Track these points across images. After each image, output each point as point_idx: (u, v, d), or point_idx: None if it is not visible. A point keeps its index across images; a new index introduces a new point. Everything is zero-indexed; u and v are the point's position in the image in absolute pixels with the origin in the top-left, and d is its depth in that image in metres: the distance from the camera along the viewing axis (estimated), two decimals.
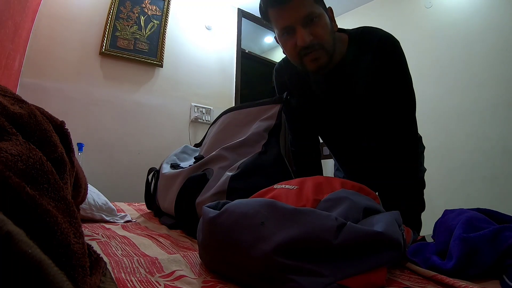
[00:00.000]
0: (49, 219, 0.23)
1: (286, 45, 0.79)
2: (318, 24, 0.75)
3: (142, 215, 1.11)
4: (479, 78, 2.22)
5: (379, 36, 0.82)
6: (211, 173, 0.82)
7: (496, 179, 2.04)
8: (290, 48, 0.78)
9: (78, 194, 0.51)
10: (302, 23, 0.74)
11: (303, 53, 0.77)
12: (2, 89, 0.36)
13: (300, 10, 0.73)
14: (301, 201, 0.50)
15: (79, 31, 2.17)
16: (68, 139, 0.41)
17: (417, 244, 0.53)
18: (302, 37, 0.74)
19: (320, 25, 0.75)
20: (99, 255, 0.35)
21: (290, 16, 0.74)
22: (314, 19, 0.74)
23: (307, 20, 0.74)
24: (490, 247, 0.41)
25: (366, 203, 0.49)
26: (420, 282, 0.43)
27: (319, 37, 0.75)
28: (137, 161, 2.27)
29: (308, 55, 0.77)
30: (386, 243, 0.40)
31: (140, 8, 2.44)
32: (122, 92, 2.32)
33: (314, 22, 0.75)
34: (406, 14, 2.71)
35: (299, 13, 0.73)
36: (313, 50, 0.76)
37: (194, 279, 0.43)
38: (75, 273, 0.23)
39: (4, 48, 1.39)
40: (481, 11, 2.28)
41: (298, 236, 0.36)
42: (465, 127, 2.24)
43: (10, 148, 0.26)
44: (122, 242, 0.65)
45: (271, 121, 0.89)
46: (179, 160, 1.14)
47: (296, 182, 0.57)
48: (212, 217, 0.44)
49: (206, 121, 2.72)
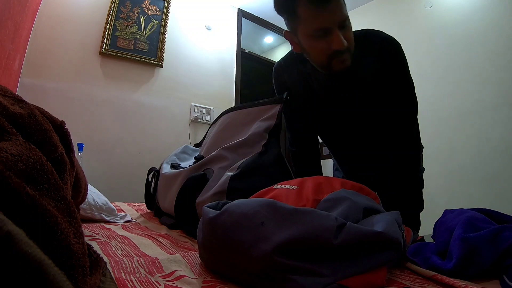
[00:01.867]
0: (49, 219, 0.23)
1: (317, 45, 0.77)
2: (349, 28, 0.76)
3: (142, 215, 1.11)
4: (480, 79, 2.22)
5: (381, 39, 0.83)
6: (211, 173, 0.83)
7: (496, 180, 2.04)
8: (322, 49, 0.77)
9: (78, 194, 0.51)
10: (339, 26, 0.73)
11: (334, 55, 0.77)
12: (2, 89, 0.36)
13: (339, 13, 0.72)
14: (301, 201, 0.50)
15: (79, 31, 2.17)
16: (68, 139, 0.41)
17: (417, 244, 0.53)
18: (340, 41, 0.73)
19: (350, 30, 0.76)
20: (99, 255, 0.35)
21: (329, 18, 0.72)
22: (347, 23, 0.75)
23: (343, 24, 0.74)
24: (490, 247, 0.41)
25: (366, 203, 0.49)
26: (420, 282, 0.43)
27: (350, 41, 0.76)
28: (137, 161, 2.27)
29: (338, 58, 0.77)
30: (386, 243, 0.40)
31: (140, 8, 2.44)
32: (122, 92, 2.32)
33: (346, 26, 0.75)
34: (406, 14, 2.71)
35: (338, 16, 0.72)
36: (343, 54, 0.76)
37: (194, 279, 0.43)
38: (75, 273, 0.23)
39: (4, 48, 1.39)
40: (481, 11, 2.28)
41: (298, 236, 0.36)
42: (465, 127, 2.24)
43: (10, 148, 0.26)
44: (122, 242, 0.65)
45: (271, 121, 0.89)
46: (179, 160, 1.14)
47: (296, 182, 0.57)
48: (212, 217, 0.44)
49: (206, 121, 2.72)
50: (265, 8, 3.27)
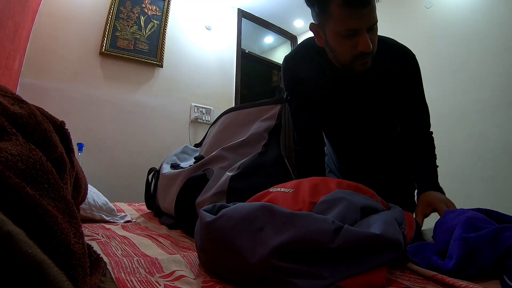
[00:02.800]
0: (49, 219, 0.23)
1: (343, 45, 0.78)
2: (375, 32, 0.77)
3: (142, 215, 1.11)
4: (479, 78, 2.21)
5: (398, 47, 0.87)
6: (211, 173, 0.82)
7: (496, 180, 2.03)
8: (348, 48, 0.77)
9: (78, 194, 0.51)
10: (368, 29, 0.74)
11: (359, 57, 0.77)
12: (2, 89, 0.36)
13: (372, 17, 0.73)
14: (298, 205, 0.49)
15: (79, 31, 2.17)
16: (68, 139, 0.41)
17: (418, 244, 0.53)
18: (367, 44, 0.74)
19: (376, 33, 0.77)
20: (99, 255, 0.35)
21: (361, 20, 0.73)
22: (375, 27, 0.76)
23: (372, 27, 0.75)
24: (490, 247, 0.41)
25: (363, 202, 0.49)
26: (421, 282, 0.43)
27: (375, 45, 0.77)
28: (137, 161, 2.27)
29: (362, 59, 0.78)
30: (385, 244, 0.40)
31: (140, 8, 2.44)
32: (122, 92, 2.32)
33: (374, 29, 0.76)
34: (406, 14, 2.71)
35: (369, 20, 0.73)
36: (368, 56, 0.78)
37: (194, 279, 0.43)
38: (75, 273, 0.23)
39: (4, 48, 1.39)
40: (481, 11, 2.28)
41: (294, 239, 0.36)
42: (465, 127, 2.24)
43: (10, 148, 0.26)
44: (122, 242, 0.65)
45: (271, 122, 0.89)
46: (179, 160, 1.14)
47: (291, 185, 0.56)
48: (209, 222, 0.44)
49: (206, 121, 2.72)
50: (265, 8, 3.27)
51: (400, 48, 0.88)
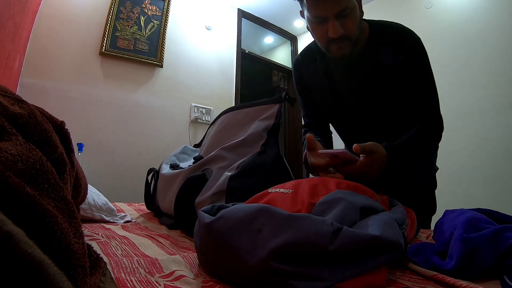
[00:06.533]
0: (49, 219, 0.23)
1: (316, 31, 0.83)
2: (349, 17, 0.78)
3: (142, 215, 1.11)
4: (480, 79, 2.22)
5: (400, 30, 0.85)
6: (210, 173, 0.82)
7: (497, 180, 2.04)
8: (320, 35, 0.82)
9: (78, 194, 0.51)
10: (335, 15, 0.76)
11: (331, 42, 0.81)
12: (2, 89, 0.36)
13: (337, 4, 0.75)
14: (297, 206, 0.49)
15: (79, 31, 2.17)
16: (68, 139, 0.41)
17: (418, 244, 0.53)
18: (334, 29, 0.77)
19: (351, 19, 0.78)
20: (99, 255, 0.35)
21: (325, 7, 0.76)
22: (347, 13, 0.77)
23: (342, 13, 0.77)
24: (491, 247, 0.41)
25: (363, 202, 0.49)
26: (421, 282, 0.43)
27: (348, 30, 0.79)
28: (137, 161, 2.27)
29: (335, 44, 0.81)
30: (384, 245, 0.39)
31: (140, 8, 2.45)
32: (122, 92, 2.32)
33: (347, 15, 0.77)
34: (406, 14, 2.71)
35: (335, 7, 0.75)
36: (340, 41, 0.80)
37: (193, 279, 0.43)
38: (75, 273, 0.23)
39: (4, 48, 1.39)
40: (481, 11, 2.28)
41: (293, 241, 0.36)
42: (466, 128, 2.24)
43: (10, 148, 0.26)
44: (122, 242, 0.65)
45: (270, 121, 0.89)
46: (178, 161, 1.14)
47: (290, 186, 0.56)
48: (208, 223, 0.44)
49: (206, 122, 2.72)
50: (265, 8, 3.27)
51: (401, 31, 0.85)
